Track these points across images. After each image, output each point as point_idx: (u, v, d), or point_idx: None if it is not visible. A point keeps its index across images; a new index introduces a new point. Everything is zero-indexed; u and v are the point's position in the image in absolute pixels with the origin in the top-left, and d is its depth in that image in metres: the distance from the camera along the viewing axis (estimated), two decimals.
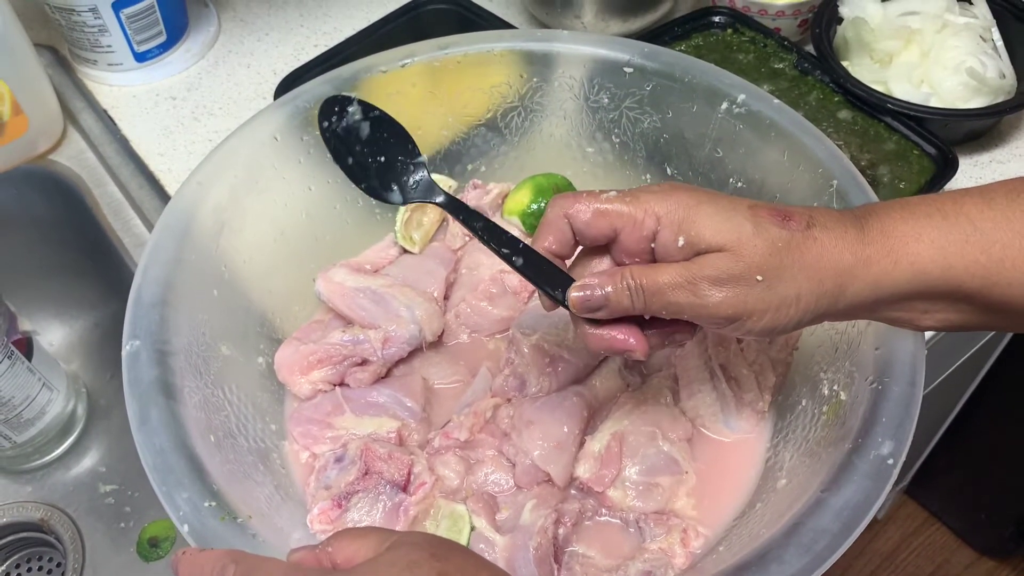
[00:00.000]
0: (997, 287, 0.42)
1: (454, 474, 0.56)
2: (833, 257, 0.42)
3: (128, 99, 0.87)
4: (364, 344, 0.60)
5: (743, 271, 0.41)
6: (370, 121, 0.50)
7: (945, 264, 0.42)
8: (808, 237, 0.42)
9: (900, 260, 0.42)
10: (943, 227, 0.42)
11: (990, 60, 0.76)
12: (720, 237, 0.41)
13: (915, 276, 0.42)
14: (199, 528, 0.43)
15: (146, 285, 0.53)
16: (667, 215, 0.42)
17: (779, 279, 0.41)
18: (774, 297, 0.41)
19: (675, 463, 0.55)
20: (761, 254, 0.41)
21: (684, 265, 0.42)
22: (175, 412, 0.48)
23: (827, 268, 0.42)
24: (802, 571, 0.41)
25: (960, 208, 0.42)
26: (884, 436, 0.45)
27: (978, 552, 1.58)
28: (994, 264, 0.41)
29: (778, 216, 0.42)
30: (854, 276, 0.42)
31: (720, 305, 0.41)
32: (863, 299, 0.42)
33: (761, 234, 0.41)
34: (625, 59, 0.63)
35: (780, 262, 0.41)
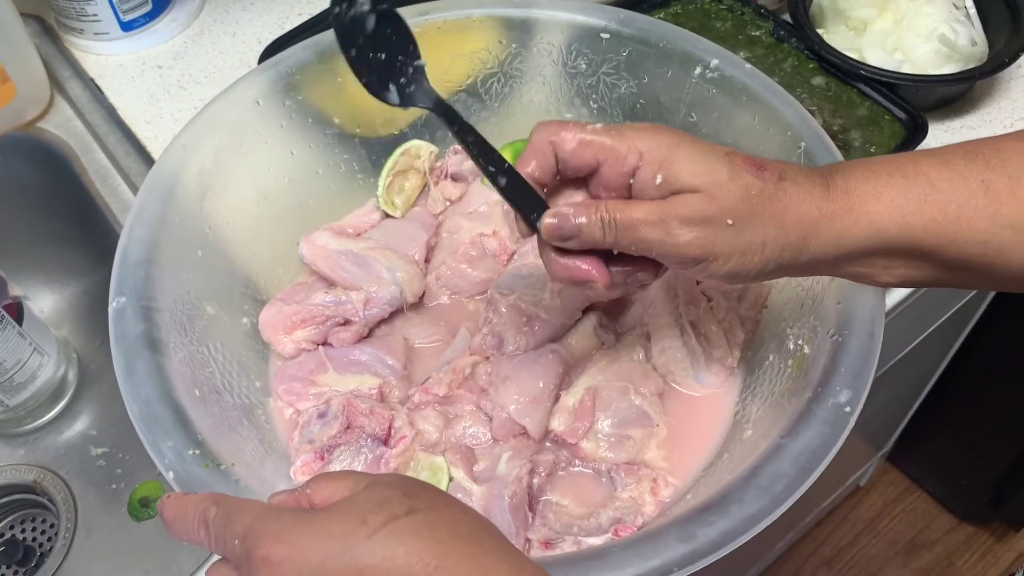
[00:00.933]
0: (953, 245, 0.43)
1: (433, 428, 0.57)
2: (800, 210, 0.43)
3: (115, 68, 0.88)
4: (346, 305, 0.61)
5: (715, 213, 0.42)
6: (377, 14, 0.48)
7: (903, 222, 0.43)
8: (779, 189, 0.43)
9: (860, 218, 0.43)
10: (902, 186, 0.43)
11: (962, 27, 0.77)
12: (696, 178, 0.42)
13: (875, 233, 0.44)
14: (184, 475, 0.45)
15: (132, 244, 0.55)
16: (649, 152, 0.43)
17: (748, 225, 0.43)
18: (741, 242, 0.43)
19: (646, 416, 0.57)
20: (734, 199, 0.42)
21: (658, 203, 0.43)
22: (160, 365, 0.50)
23: (794, 220, 0.43)
24: (760, 511, 0.43)
25: (919, 168, 0.44)
26: (842, 385, 0.47)
27: (958, 518, 1.62)
28: (950, 223, 0.43)
29: (753, 165, 0.43)
30: (818, 230, 0.43)
31: (689, 245, 0.43)
32: (825, 253, 0.44)
33: (736, 180, 0.43)
34: (601, 25, 0.64)
35: (751, 209, 0.43)
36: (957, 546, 1.59)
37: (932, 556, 1.58)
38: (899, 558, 1.58)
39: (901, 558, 1.58)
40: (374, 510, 0.34)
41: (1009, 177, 0.42)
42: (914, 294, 0.81)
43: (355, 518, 0.34)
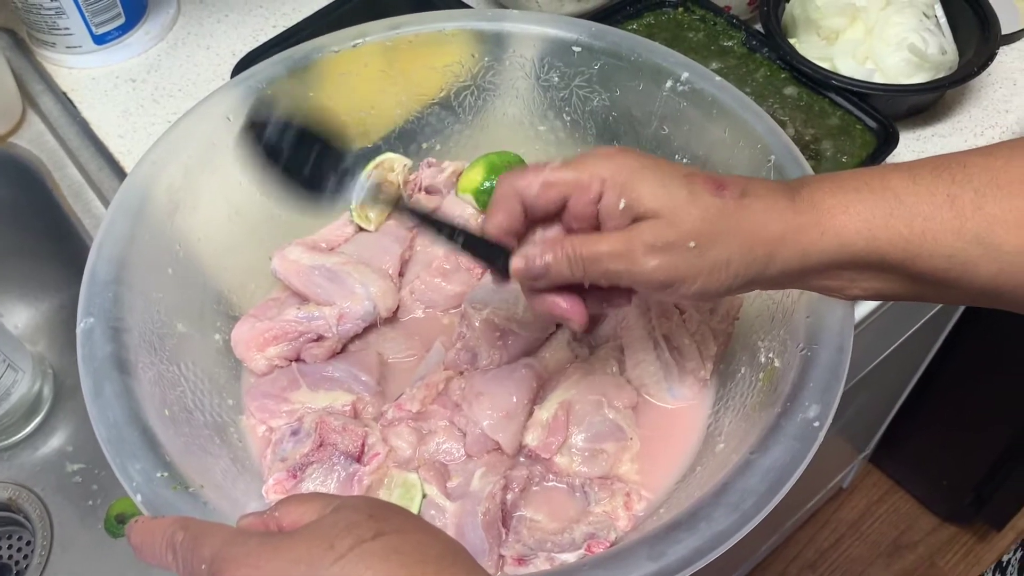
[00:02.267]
0: (919, 258, 0.44)
1: (407, 444, 0.57)
2: (764, 225, 0.43)
3: (87, 81, 0.87)
4: (319, 320, 0.61)
5: (676, 237, 0.43)
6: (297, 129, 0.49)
7: (870, 236, 0.43)
8: (740, 206, 0.43)
9: (827, 231, 0.44)
10: (869, 201, 0.44)
11: (932, 36, 0.78)
12: (656, 202, 0.43)
13: (841, 247, 0.44)
14: (152, 497, 0.45)
15: (100, 263, 0.54)
16: (611, 178, 0.44)
17: (711, 245, 0.43)
18: (706, 262, 0.43)
19: (620, 430, 0.57)
20: (694, 221, 0.43)
21: (621, 233, 0.44)
22: (129, 386, 0.49)
23: (758, 235, 0.43)
24: (730, 528, 0.43)
25: (886, 183, 0.44)
26: (811, 400, 0.47)
27: (940, 519, 1.63)
28: (916, 236, 0.43)
29: (712, 184, 0.44)
30: (783, 244, 0.44)
31: (655, 271, 0.43)
32: (792, 267, 0.44)
33: (695, 202, 0.43)
34: (573, 38, 0.64)
35: (712, 228, 0.43)
36: (939, 546, 1.60)
37: (915, 557, 1.59)
38: (882, 559, 1.59)
39: (884, 559, 1.59)
40: (341, 534, 0.34)
41: (975, 192, 0.43)
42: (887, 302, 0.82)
43: (322, 542, 0.34)
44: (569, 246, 0.44)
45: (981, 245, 0.43)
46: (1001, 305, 0.45)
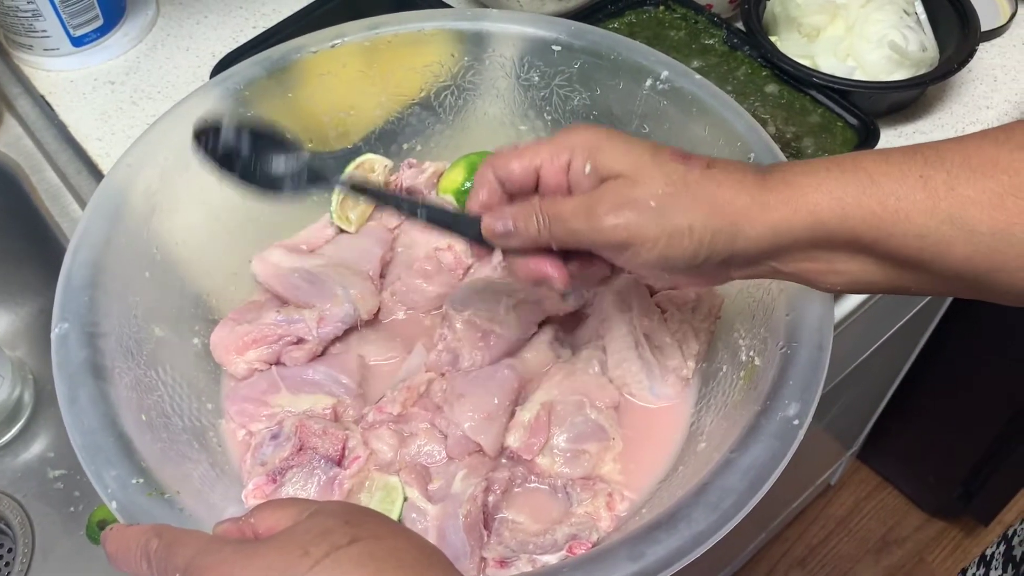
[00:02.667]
0: (893, 238, 0.43)
1: (388, 447, 0.57)
2: (729, 198, 0.44)
3: (65, 84, 0.87)
4: (299, 323, 0.60)
5: (638, 195, 0.44)
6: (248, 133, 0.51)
7: (843, 214, 0.43)
8: (705, 176, 0.44)
9: (799, 208, 0.43)
10: (842, 180, 0.43)
11: (912, 33, 0.78)
12: (620, 164, 0.44)
13: (814, 224, 0.43)
14: (127, 504, 0.44)
15: (75, 268, 0.54)
16: (579, 145, 0.46)
17: (673, 208, 0.43)
18: (667, 225, 0.43)
19: (602, 430, 0.57)
20: (657, 182, 0.44)
21: (585, 195, 0.45)
22: (104, 392, 0.49)
23: (722, 205, 0.43)
24: (709, 528, 0.43)
25: (859, 164, 0.44)
26: (791, 398, 0.47)
27: (928, 514, 1.63)
28: (889, 215, 0.43)
29: (678, 156, 0.45)
30: (750, 217, 0.43)
31: (615, 229, 0.44)
32: (763, 244, 0.44)
33: (659, 166, 0.44)
34: (553, 37, 0.64)
35: (674, 191, 0.44)
36: (928, 542, 1.61)
37: (903, 552, 1.60)
38: (871, 555, 1.59)
39: (873, 555, 1.59)
40: (316, 540, 0.34)
41: (947, 173, 0.42)
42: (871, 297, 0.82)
43: (297, 549, 0.34)
44: (537, 206, 0.46)
45: (954, 225, 0.42)
46: (979, 292, 0.45)
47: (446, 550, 0.52)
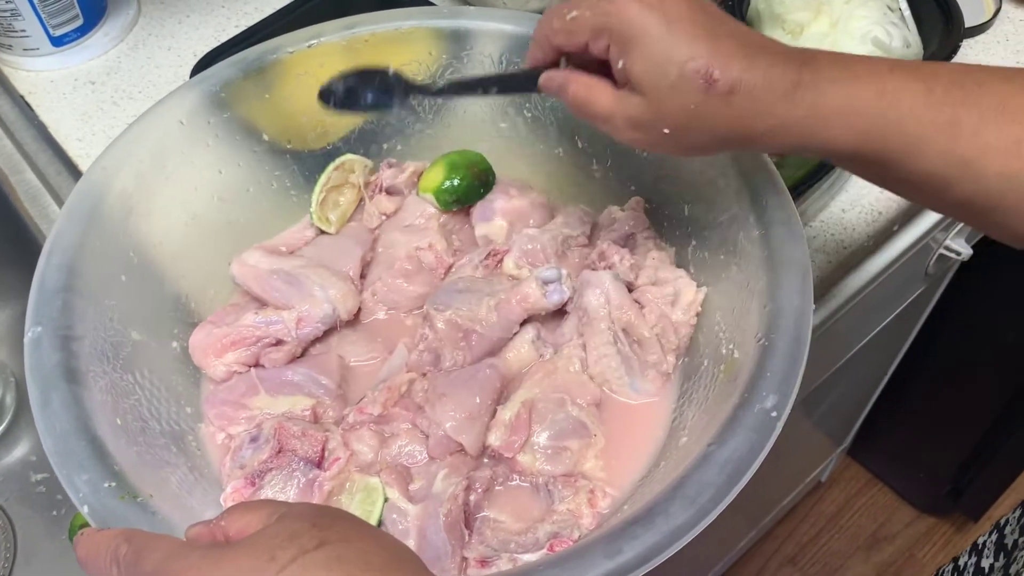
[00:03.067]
0: (902, 165, 0.44)
1: (368, 448, 0.56)
2: (748, 124, 0.45)
3: (45, 84, 0.86)
4: (277, 325, 0.60)
5: (652, 120, 0.46)
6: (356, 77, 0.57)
7: (861, 143, 0.44)
8: (726, 103, 0.44)
9: (818, 135, 0.45)
10: (873, 113, 0.44)
11: (896, 29, 0.78)
12: (643, 81, 0.45)
13: (828, 148, 0.45)
14: (99, 508, 0.44)
15: (49, 271, 0.53)
16: (617, 33, 0.45)
17: (686, 134, 0.46)
18: (680, 145, 0.47)
19: (583, 427, 0.56)
20: (671, 111, 0.45)
21: (610, 101, 0.47)
22: (78, 396, 0.48)
23: (738, 131, 0.45)
24: (687, 523, 0.42)
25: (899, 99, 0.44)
26: (769, 390, 0.46)
27: (918, 510, 1.64)
28: (906, 149, 0.44)
29: (703, 79, 0.44)
30: (765, 137, 0.45)
31: (633, 142, 0.48)
32: (772, 148, 0.47)
33: (677, 93, 0.44)
34: (530, 34, 0.63)
35: (688, 121, 0.45)
36: (918, 538, 1.61)
37: (894, 549, 1.60)
38: (861, 552, 1.60)
39: (863, 552, 1.60)
40: (283, 544, 0.34)
41: (979, 116, 0.43)
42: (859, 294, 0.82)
43: (264, 554, 0.34)
44: (574, 88, 0.49)
45: (964, 168, 0.43)
46: (978, 226, 0.47)
47: (427, 550, 0.52)
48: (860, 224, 0.74)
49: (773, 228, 0.53)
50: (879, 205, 0.76)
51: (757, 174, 0.56)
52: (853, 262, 0.76)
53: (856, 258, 0.76)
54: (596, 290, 0.58)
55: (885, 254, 0.82)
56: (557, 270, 0.61)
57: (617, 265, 0.61)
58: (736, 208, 0.56)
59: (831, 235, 0.73)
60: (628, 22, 0.45)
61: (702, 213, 0.60)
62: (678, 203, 0.62)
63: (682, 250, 0.62)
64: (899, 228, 0.81)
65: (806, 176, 0.69)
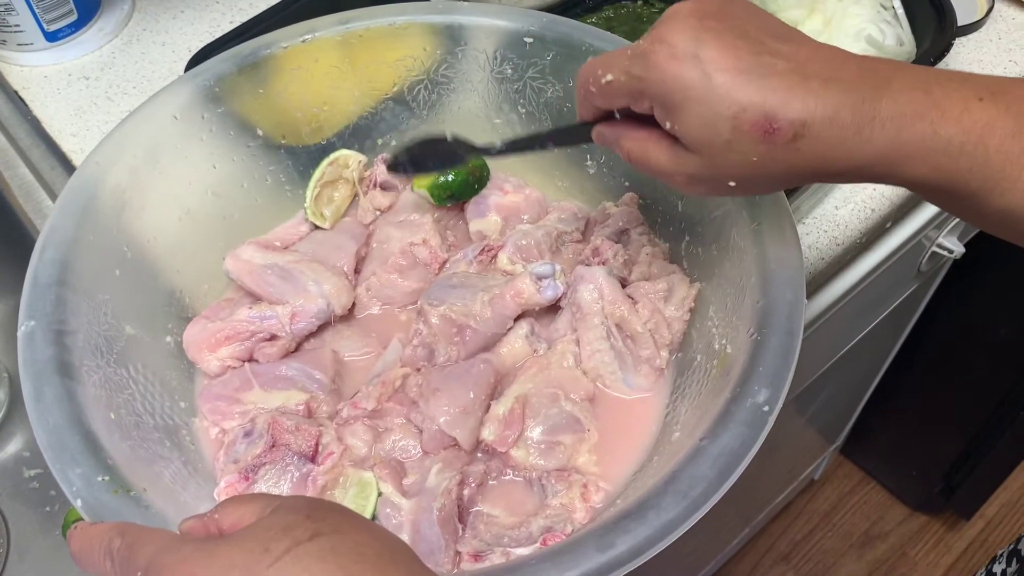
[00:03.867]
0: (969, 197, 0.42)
1: (362, 443, 0.57)
2: (816, 168, 0.41)
3: (39, 79, 0.86)
4: (271, 320, 0.60)
5: (714, 176, 0.44)
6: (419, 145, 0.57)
7: (933, 180, 0.41)
8: (791, 150, 0.41)
9: (895, 171, 0.41)
10: (953, 153, 0.40)
11: (889, 27, 0.78)
12: (698, 141, 0.42)
13: (901, 180, 0.42)
14: (92, 502, 0.44)
15: (42, 266, 0.53)
16: (660, 100, 0.43)
17: (751, 185, 0.44)
18: (751, 191, 0.47)
19: (577, 422, 0.57)
20: (732, 167, 0.42)
21: (668, 158, 0.45)
22: (71, 390, 0.48)
23: (809, 174, 0.42)
24: (679, 517, 0.42)
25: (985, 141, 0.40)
26: (761, 385, 0.47)
27: (911, 508, 1.64)
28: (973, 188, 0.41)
29: (760, 130, 0.40)
30: (840, 176, 0.42)
31: (698, 194, 0.50)
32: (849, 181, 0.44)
33: (735, 149, 0.41)
34: (524, 29, 0.64)
35: (751, 173, 0.42)
36: (910, 536, 1.62)
37: (886, 547, 1.60)
38: (854, 550, 1.60)
39: (856, 550, 1.60)
40: (277, 537, 0.34)
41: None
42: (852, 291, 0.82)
43: (257, 546, 0.34)
44: (628, 146, 0.47)
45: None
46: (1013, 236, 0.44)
47: (420, 544, 0.52)
48: (853, 221, 0.75)
49: (766, 224, 0.54)
50: (872, 202, 0.76)
51: None
52: (846, 259, 0.77)
53: (849, 255, 0.76)
54: (589, 285, 0.59)
55: (878, 251, 0.82)
56: (551, 266, 0.61)
57: (611, 261, 0.61)
58: (729, 204, 0.56)
59: (824, 232, 0.73)
60: (665, 85, 0.41)
61: (695, 209, 0.61)
62: (672, 199, 0.63)
63: (676, 246, 0.63)
64: (892, 225, 0.81)
65: None
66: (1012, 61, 0.86)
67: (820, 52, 0.42)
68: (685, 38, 0.41)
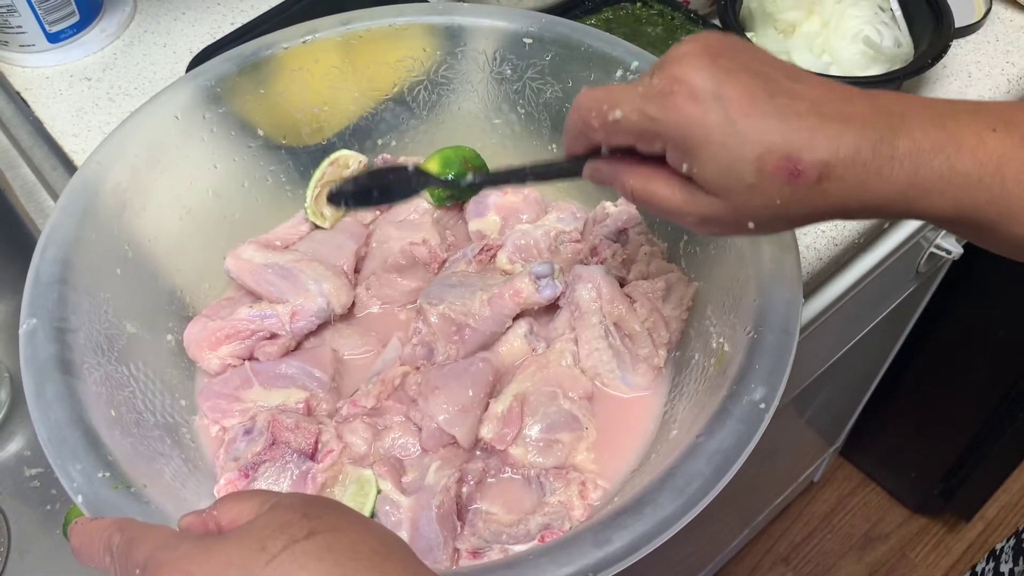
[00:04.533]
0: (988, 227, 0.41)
1: (362, 441, 0.57)
2: (838, 207, 0.41)
3: (41, 80, 0.86)
4: (271, 318, 0.60)
5: (733, 219, 0.42)
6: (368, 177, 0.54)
7: (955, 215, 0.41)
8: (816, 191, 0.40)
9: (915, 207, 0.41)
10: (972, 186, 0.40)
11: (887, 29, 0.79)
12: (719, 184, 0.41)
13: (926, 218, 0.42)
14: (92, 498, 0.44)
15: (44, 264, 0.54)
16: (676, 142, 0.41)
17: (772, 225, 0.43)
18: (767, 231, 0.44)
19: (575, 420, 0.57)
20: (755, 209, 0.41)
21: (680, 200, 0.43)
22: (72, 387, 0.49)
23: (828, 214, 0.41)
24: (675, 513, 0.43)
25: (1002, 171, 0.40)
26: (757, 382, 0.47)
27: (911, 510, 1.64)
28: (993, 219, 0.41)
29: (785, 172, 0.39)
30: (858, 214, 0.42)
31: (707, 233, 0.45)
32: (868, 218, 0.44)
33: (759, 191, 0.40)
34: (524, 30, 0.64)
35: (774, 215, 0.41)
36: (910, 538, 1.62)
37: (886, 548, 1.60)
38: (854, 552, 1.60)
39: (856, 552, 1.60)
40: (274, 534, 0.34)
41: None
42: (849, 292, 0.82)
43: (255, 544, 0.34)
44: (631, 184, 0.44)
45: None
46: None
47: (419, 541, 0.52)
48: (851, 222, 0.75)
49: None
50: None
51: None
52: (844, 259, 0.77)
53: (847, 256, 0.76)
54: (588, 284, 0.59)
55: (876, 252, 0.82)
56: (549, 265, 0.61)
57: (609, 260, 0.62)
58: None
59: (822, 232, 0.74)
60: (685, 128, 0.40)
61: None
62: None
63: (674, 245, 0.63)
64: (890, 226, 0.81)
65: None
66: (1009, 63, 0.87)
67: (832, 91, 0.41)
68: (703, 77, 0.40)
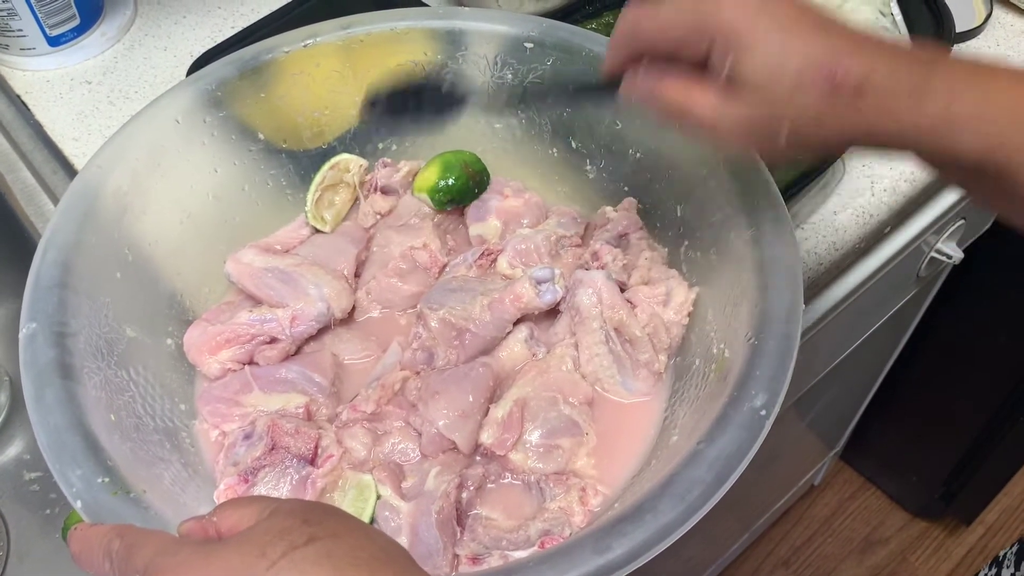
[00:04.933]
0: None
1: (361, 446, 0.57)
2: (876, 125, 0.41)
3: (42, 84, 0.86)
4: (271, 323, 0.60)
5: (767, 125, 0.42)
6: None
7: (987, 154, 0.40)
8: (853, 107, 0.41)
9: (945, 142, 0.41)
10: (1006, 122, 0.40)
11: (888, 34, 0.79)
12: (756, 84, 0.41)
13: (954, 155, 0.41)
14: (92, 503, 0.44)
15: (44, 268, 0.54)
16: (725, 32, 0.42)
17: (804, 138, 0.42)
18: (796, 148, 0.43)
19: (575, 425, 0.57)
20: (790, 115, 0.41)
21: (716, 106, 0.43)
22: (72, 392, 0.49)
23: (863, 133, 0.42)
24: (676, 520, 0.43)
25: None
26: (758, 389, 0.47)
27: (911, 514, 1.64)
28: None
29: (826, 81, 0.40)
30: (889, 140, 0.42)
31: (741, 147, 0.46)
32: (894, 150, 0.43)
33: (798, 96, 0.41)
34: (524, 35, 0.64)
35: (808, 124, 0.41)
36: (910, 542, 1.61)
37: (886, 552, 1.60)
38: (854, 556, 1.60)
39: (856, 556, 1.60)
40: (273, 541, 0.34)
41: None
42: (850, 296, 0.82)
43: (254, 550, 0.34)
44: (670, 92, 0.44)
45: None
46: None
47: (419, 547, 0.52)
48: (852, 226, 0.75)
49: (764, 229, 0.54)
50: (871, 207, 0.76)
51: (749, 175, 0.56)
52: (844, 264, 0.77)
53: (847, 260, 0.76)
54: (588, 289, 0.59)
55: (876, 257, 0.82)
56: (550, 270, 0.61)
57: (610, 265, 0.62)
58: (728, 209, 0.57)
59: (822, 237, 0.74)
60: (734, 22, 0.41)
61: (694, 214, 0.61)
62: (670, 204, 0.63)
63: (674, 250, 0.63)
64: (891, 231, 0.81)
65: (798, 178, 0.69)
66: None
67: (868, 33, 0.42)
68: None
